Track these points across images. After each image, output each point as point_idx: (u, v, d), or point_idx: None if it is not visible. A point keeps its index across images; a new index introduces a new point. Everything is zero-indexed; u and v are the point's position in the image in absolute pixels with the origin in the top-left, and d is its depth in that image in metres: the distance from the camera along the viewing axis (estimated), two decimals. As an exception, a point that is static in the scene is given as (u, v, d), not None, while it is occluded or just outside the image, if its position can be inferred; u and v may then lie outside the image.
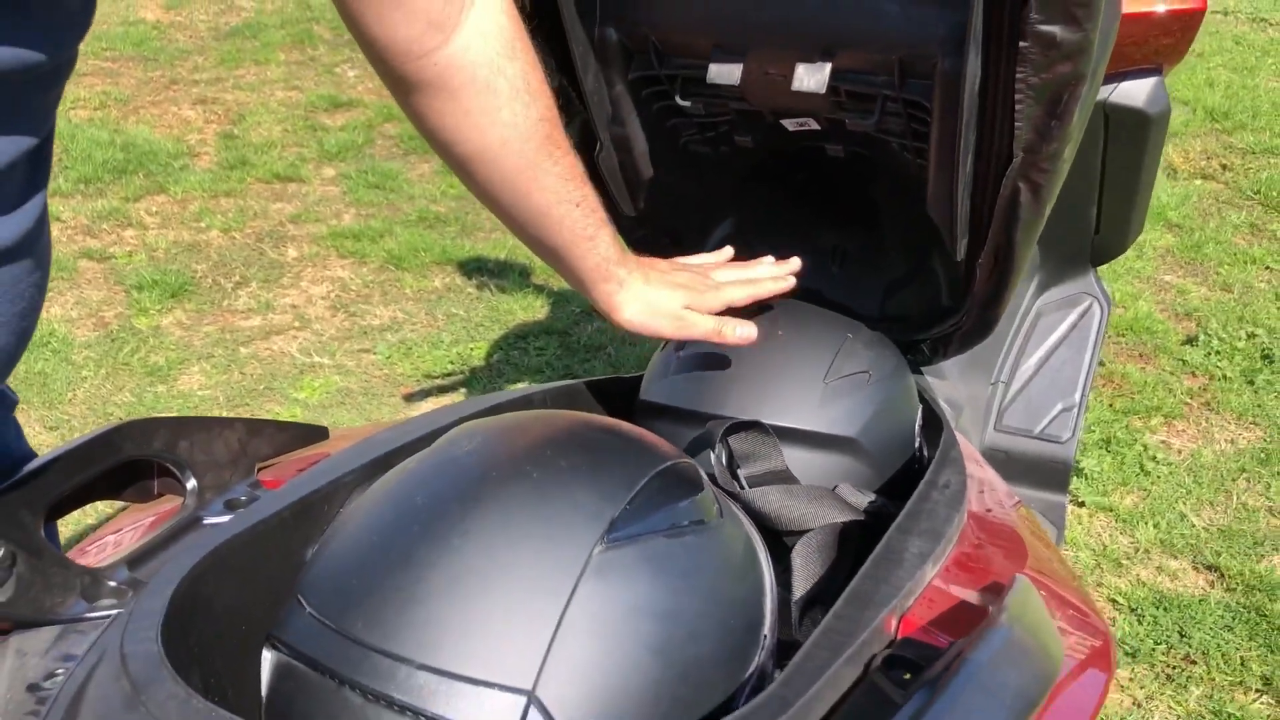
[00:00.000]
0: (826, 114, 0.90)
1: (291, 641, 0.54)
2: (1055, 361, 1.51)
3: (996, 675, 0.47)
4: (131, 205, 3.15)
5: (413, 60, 0.78)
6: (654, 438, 0.65)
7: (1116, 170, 1.35)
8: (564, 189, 0.84)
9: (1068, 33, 0.74)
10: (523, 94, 0.80)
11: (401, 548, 0.54)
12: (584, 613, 0.52)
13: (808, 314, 1.01)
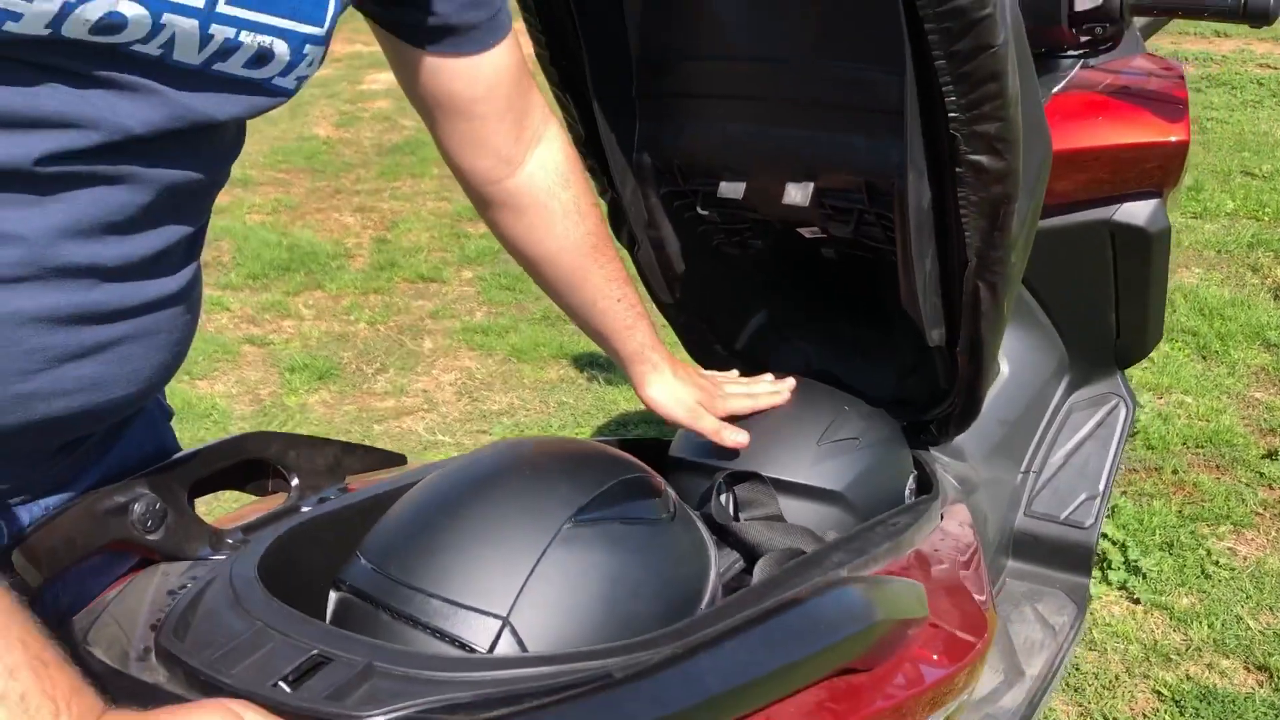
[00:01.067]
0: (818, 223, 1.11)
1: (349, 580, 0.75)
2: (1082, 454, 1.64)
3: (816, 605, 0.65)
4: (292, 299, 3.53)
5: (488, 185, 1.04)
6: (630, 459, 0.85)
7: (1128, 282, 1.50)
8: (608, 288, 1.09)
9: (994, 162, 0.94)
10: (574, 214, 1.05)
11: (427, 516, 0.75)
12: (550, 568, 0.72)
13: (813, 389, 1.20)
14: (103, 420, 0.77)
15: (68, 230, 0.68)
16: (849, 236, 1.09)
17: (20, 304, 0.68)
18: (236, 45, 0.71)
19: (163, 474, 0.79)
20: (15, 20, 0.60)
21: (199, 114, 0.72)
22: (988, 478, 1.52)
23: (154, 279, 0.76)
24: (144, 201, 0.72)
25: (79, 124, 0.66)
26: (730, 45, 1.04)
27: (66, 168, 0.67)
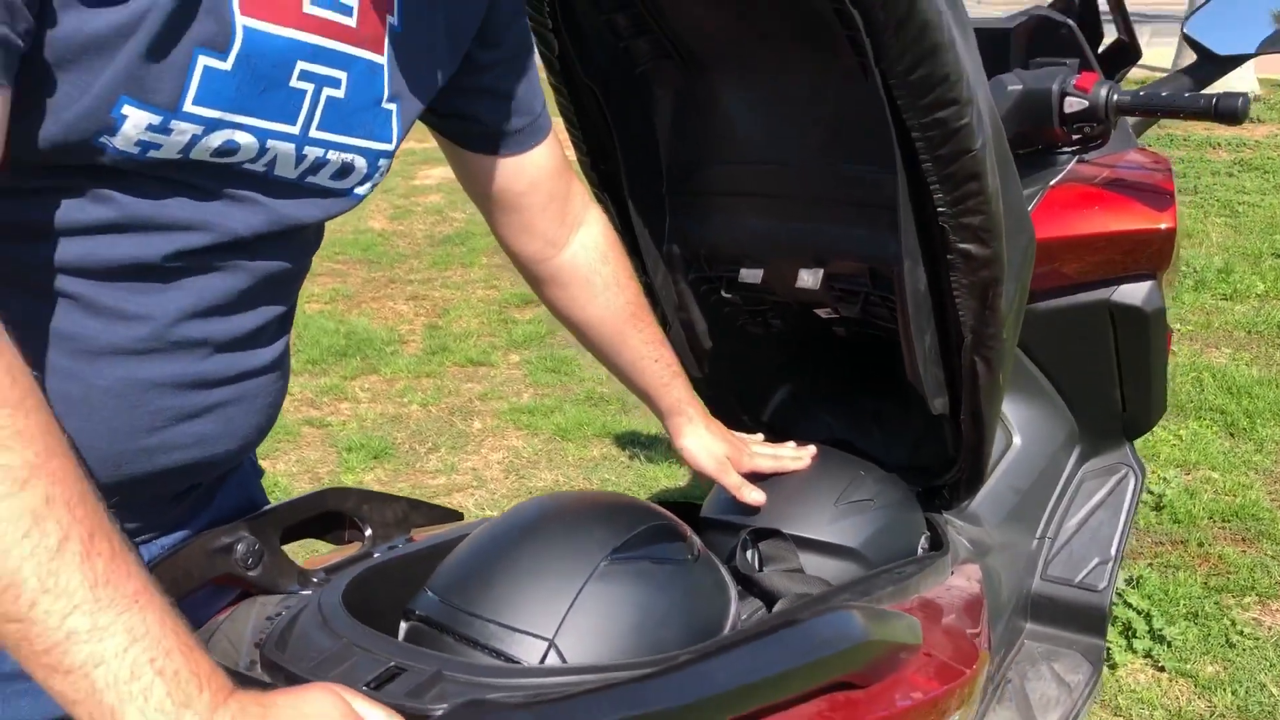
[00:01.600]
0: (829, 304, 1.24)
1: (418, 610, 0.88)
2: (1094, 521, 1.73)
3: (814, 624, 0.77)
4: (348, 383, 3.71)
5: (537, 264, 1.18)
6: (659, 509, 0.97)
7: (1129, 358, 1.61)
8: (646, 350, 1.23)
9: (980, 250, 1.06)
10: (613, 287, 1.20)
11: (485, 555, 0.88)
12: (589, 598, 0.84)
13: (832, 455, 1.32)
14: (209, 472, 0.91)
15: (186, 312, 0.83)
16: (857, 316, 1.22)
17: (148, 372, 0.82)
18: (325, 162, 0.86)
19: (259, 521, 0.92)
20: (156, 149, 0.76)
21: (291, 219, 0.87)
22: (1002, 541, 1.62)
23: (253, 351, 0.90)
24: (245, 287, 0.87)
25: (197, 228, 0.81)
26: (747, 150, 1.18)
27: (186, 262, 0.82)
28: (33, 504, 0.61)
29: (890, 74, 0.92)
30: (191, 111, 0.76)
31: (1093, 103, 1.42)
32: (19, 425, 0.62)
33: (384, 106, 0.89)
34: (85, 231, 0.77)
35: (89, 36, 0.69)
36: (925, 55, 0.90)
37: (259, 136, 0.80)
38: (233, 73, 0.76)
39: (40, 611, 0.60)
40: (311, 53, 0.81)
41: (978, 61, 1.00)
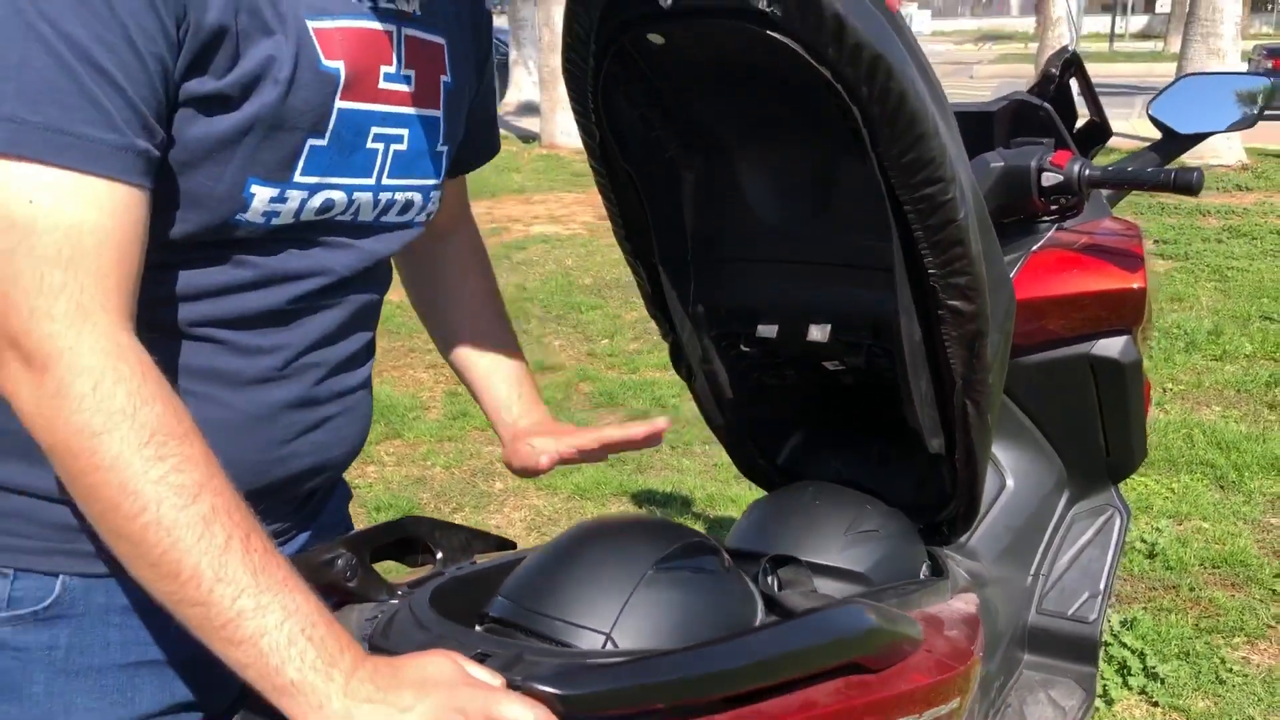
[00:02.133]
0: (837, 357, 1.40)
1: (493, 612, 1.03)
2: (1084, 558, 1.87)
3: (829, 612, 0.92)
4: (374, 447, 3.86)
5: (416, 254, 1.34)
6: (696, 530, 1.12)
7: (1109, 407, 1.76)
8: None
9: (966, 306, 1.22)
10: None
11: (550, 565, 1.03)
12: (639, 599, 0.99)
13: (842, 493, 1.47)
14: (325, 476, 1.09)
15: (304, 345, 1.01)
16: (861, 366, 1.38)
17: (277, 397, 0.99)
18: (393, 203, 1.05)
19: (354, 541, 1.08)
20: (276, 216, 0.94)
21: (375, 254, 1.06)
22: (998, 575, 1.76)
23: (352, 371, 1.08)
24: (346, 319, 1.05)
25: (309, 275, 0.99)
26: (762, 221, 1.35)
27: (303, 304, 1.00)
28: (203, 512, 0.78)
29: (884, 157, 1.09)
30: (300, 181, 0.94)
31: (1067, 177, 1.59)
32: (187, 452, 0.79)
33: (439, 149, 1.08)
34: (225, 290, 0.95)
35: (215, 139, 0.87)
36: (913, 142, 1.07)
37: (347, 191, 0.98)
38: (328, 146, 0.94)
39: (216, 595, 0.76)
40: (381, 118, 0.99)
41: (959, 143, 1.17)
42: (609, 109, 1.23)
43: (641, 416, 3.98)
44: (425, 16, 1.02)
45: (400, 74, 0.99)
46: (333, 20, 0.91)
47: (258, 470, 0.99)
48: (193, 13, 0.82)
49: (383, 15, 0.96)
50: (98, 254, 0.79)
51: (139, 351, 0.81)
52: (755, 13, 1.01)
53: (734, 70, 1.19)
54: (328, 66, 0.91)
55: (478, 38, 1.16)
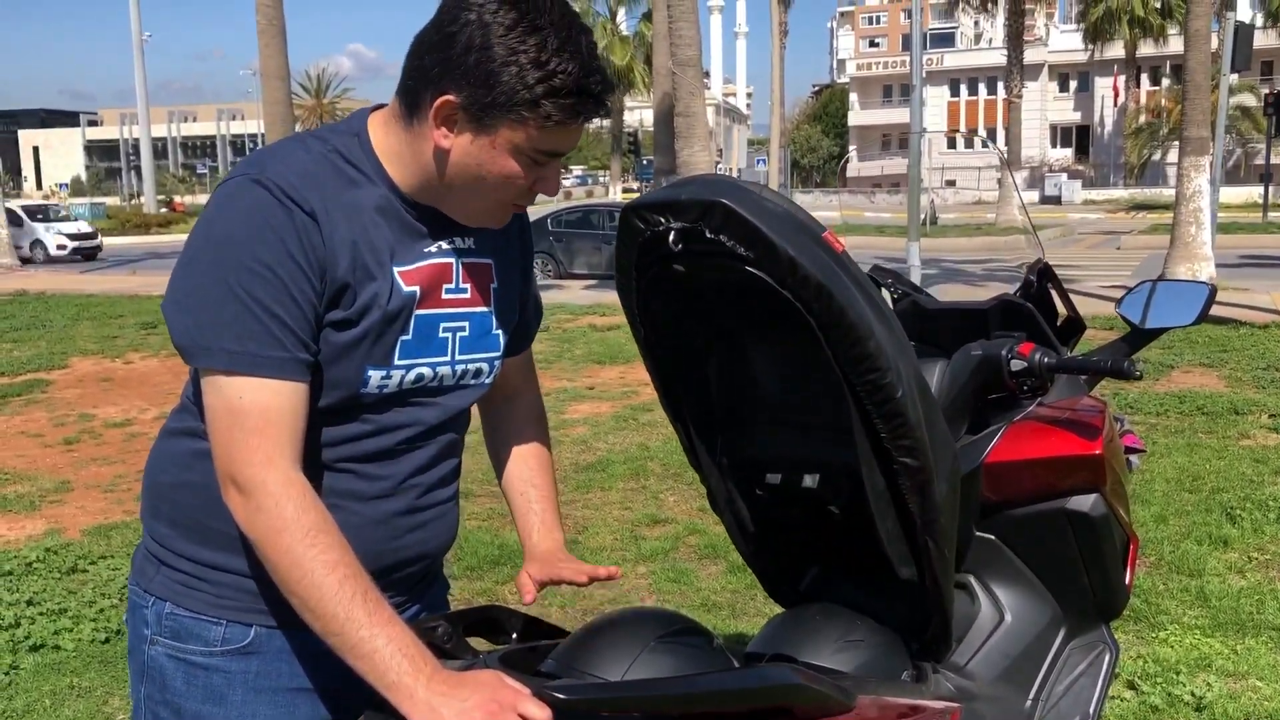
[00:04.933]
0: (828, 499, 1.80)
1: (542, 668, 1.45)
2: (1077, 687, 2.16)
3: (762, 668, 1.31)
4: (500, 587, 4.32)
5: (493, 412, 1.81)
6: (696, 622, 1.53)
7: (1089, 555, 2.08)
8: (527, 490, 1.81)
9: (913, 461, 1.62)
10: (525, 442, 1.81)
11: (584, 636, 1.46)
12: (642, 661, 1.40)
13: (841, 612, 1.85)
14: (425, 561, 1.54)
15: (409, 472, 1.47)
16: (847, 506, 1.78)
17: (390, 508, 1.46)
18: (467, 370, 1.50)
19: (452, 616, 1.53)
20: (386, 387, 1.41)
21: (456, 407, 1.51)
22: (993, 694, 2.07)
23: (444, 489, 1.54)
24: (436, 453, 1.51)
25: (411, 425, 1.45)
26: (764, 392, 1.79)
27: (407, 445, 1.46)
28: (339, 577, 1.26)
29: (836, 353, 1.52)
30: (398, 364, 1.41)
31: (1029, 364, 1.99)
32: (329, 541, 1.28)
33: (494, 333, 1.53)
34: (355, 439, 1.43)
35: (344, 344, 1.36)
36: (853, 343, 1.50)
37: (432, 367, 1.45)
38: (412, 339, 1.42)
39: (347, 629, 1.23)
40: (448, 317, 1.46)
41: (899, 340, 1.59)
42: (650, 312, 1.71)
43: (740, 569, 4.34)
44: (477, 247, 1.49)
45: (459, 287, 1.46)
46: (410, 265, 1.41)
47: (380, 556, 1.44)
48: (329, 273, 1.32)
49: (445, 253, 1.45)
50: (278, 424, 1.29)
51: (303, 482, 1.30)
52: (738, 256, 1.48)
53: (736, 287, 1.65)
54: (406, 291, 1.39)
55: (523, 246, 1.62)
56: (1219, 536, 4.48)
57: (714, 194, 1.47)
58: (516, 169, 1.35)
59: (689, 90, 13.06)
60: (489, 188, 1.38)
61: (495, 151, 1.33)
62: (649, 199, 1.55)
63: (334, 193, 1.34)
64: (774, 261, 1.46)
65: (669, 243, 1.52)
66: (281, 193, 1.29)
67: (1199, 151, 13.75)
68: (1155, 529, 4.60)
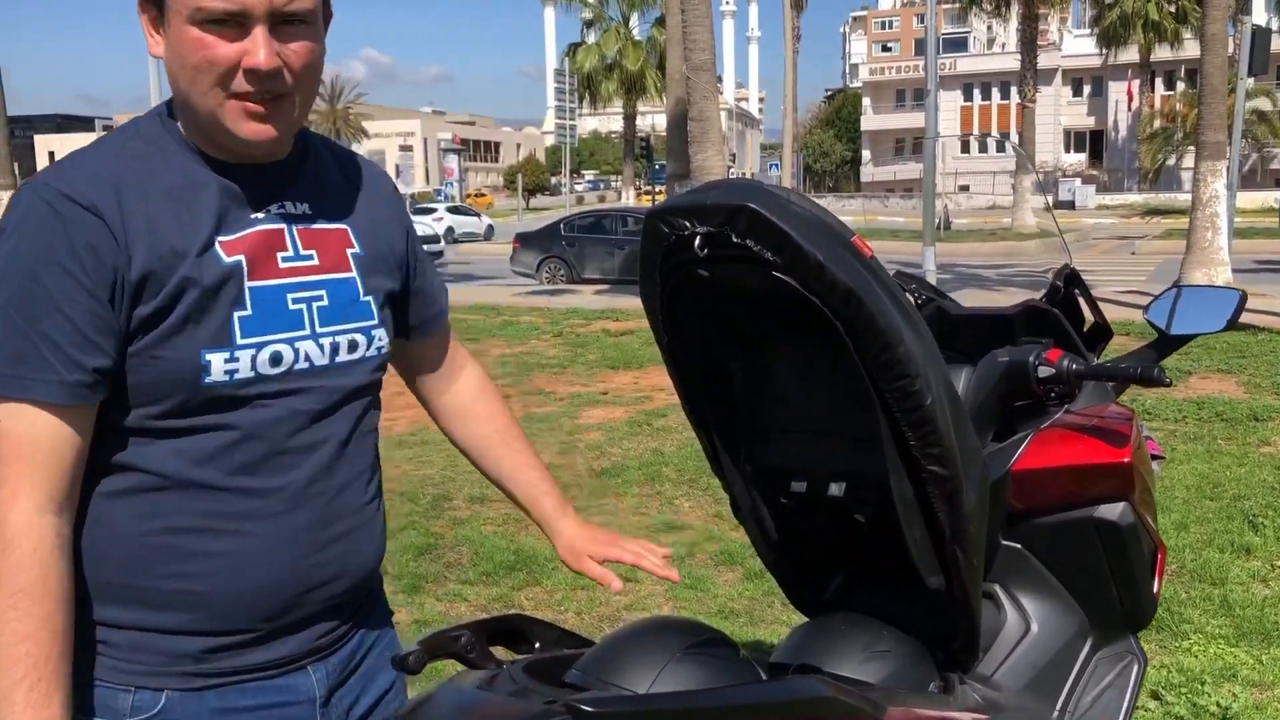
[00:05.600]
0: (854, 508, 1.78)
1: (566, 679, 1.43)
2: (1105, 699, 2.13)
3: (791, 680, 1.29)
4: (516, 593, 4.31)
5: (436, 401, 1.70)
6: (721, 632, 1.51)
7: (1116, 565, 2.06)
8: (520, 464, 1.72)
9: (942, 470, 1.60)
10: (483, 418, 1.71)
11: (610, 645, 1.44)
12: (666, 672, 1.38)
13: (867, 621, 1.82)
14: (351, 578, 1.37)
15: (311, 476, 1.32)
16: (873, 515, 1.76)
17: (298, 521, 1.30)
18: (338, 345, 1.34)
19: (475, 625, 1.51)
20: (236, 373, 1.24)
21: (339, 391, 1.35)
22: (1019, 705, 2.05)
23: (355, 494, 1.38)
24: (335, 452, 1.34)
25: (285, 420, 1.29)
26: (788, 400, 1.77)
27: (292, 447, 1.30)
28: (23, 651, 1.13)
29: (864, 359, 1.50)
30: (242, 343, 1.25)
31: (1057, 370, 1.96)
32: (33, 609, 1.14)
33: (362, 301, 1.38)
34: (226, 448, 1.26)
35: (164, 333, 1.21)
36: (882, 349, 1.48)
37: (289, 344, 1.29)
38: (253, 315, 1.27)
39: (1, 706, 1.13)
40: (293, 287, 1.31)
41: (929, 346, 1.57)
42: (673, 318, 1.69)
43: (758, 575, 4.32)
44: (317, 211, 1.36)
45: (299, 254, 1.32)
46: (235, 234, 1.27)
47: (296, 579, 1.31)
48: (121, 273, 1.20)
49: (273, 219, 1.31)
50: (33, 456, 1.17)
51: (47, 529, 1.17)
52: (765, 261, 1.46)
53: (762, 294, 1.63)
54: (227, 262, 1.25)
55: (392, 210, 1.49)
56: (1241, 544, 4.44)
57: (741, 198, 1.45)
58: (204, 41, 1.19)
59: (703, 94, 13.05)
60: (203, 84, 1.22)
61: (179, 29, 1.20)
62: (674, 203, 1.53)
63: (136, 182, 1.24)
64: (802, 267, 1.44)
65: (694, 248, 1.50)
66: (62, 200, 1.20)
67: (1216, 156, 13.67)
68: (1176, 536, 4.56)
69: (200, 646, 1.29)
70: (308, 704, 1.37)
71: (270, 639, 1.32)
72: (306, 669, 1.37)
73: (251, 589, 1.29)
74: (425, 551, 4.75)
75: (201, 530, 1.27)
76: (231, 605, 1.29)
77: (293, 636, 1.35)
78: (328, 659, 1.40)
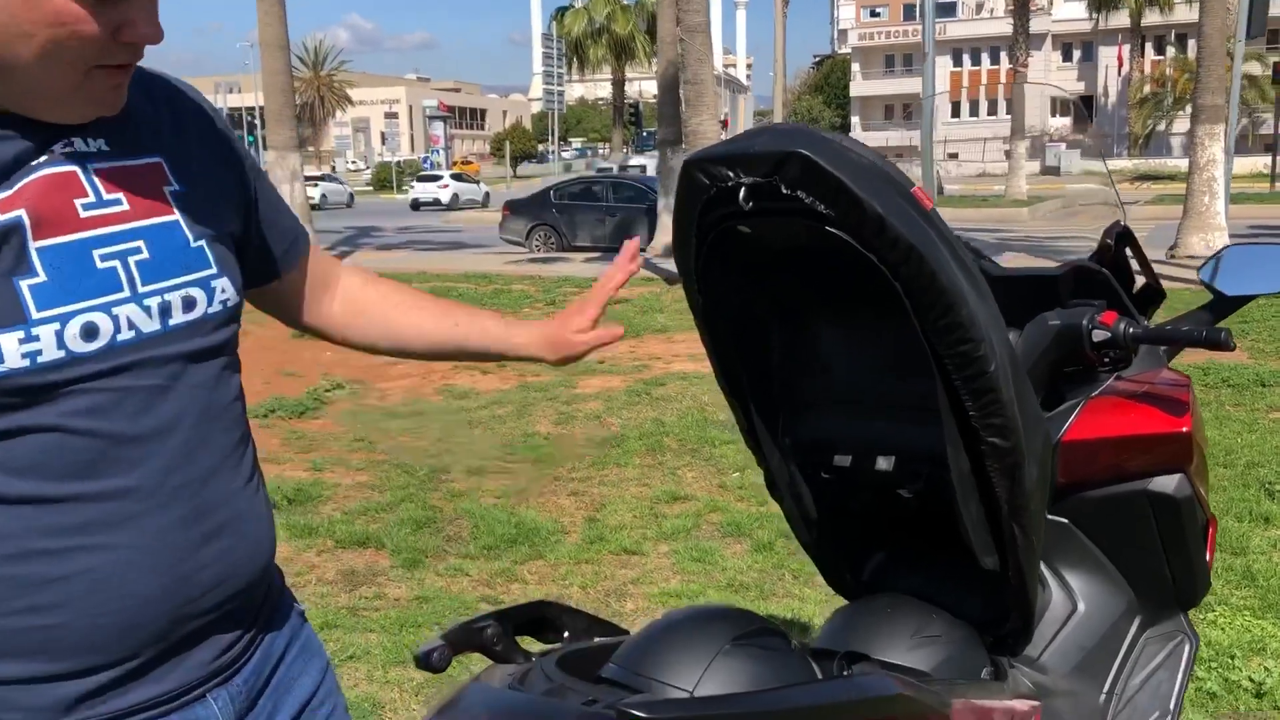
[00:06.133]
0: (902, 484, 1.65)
1: (604, 674, 1.31)
2: (1154, 681, 2.03)
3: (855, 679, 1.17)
4: (518, 566, 4.19)
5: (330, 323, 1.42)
6: (770, 620, 1.39)
7: (1169, 540, 1.94)
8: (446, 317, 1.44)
9: (1003, 442, 1.47)
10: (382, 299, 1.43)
11: (651, 636, 1.31)
12: (717, 665, 1.26)
13: (913, 604, 1.70)
14: (241, 579, 1.13)
15: (167, 465, 1.06)
16: (923, 491, 1.63)
17: (161, 521, 1.05)
18: (168, 304, 1.07)
19: (500, 615, 1.38)
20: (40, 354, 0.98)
21: (184, 351, 1.08)
22: (1068, 689, 1.94)
23: (225, 481, 1.13)
24: (189, 431, 1.09)
25: (117, 406, 1.03)
26: (834, 370, 1.64)
27: (144, 429, 1.04)
28: None
29: (924, 322, 1.37)
30: (40, 316, 0.98)
31: (1113, 334, 1.83)
32: None
33: (194, 246, 1.11)
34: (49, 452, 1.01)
35: None
36: (945, 311, 1.35)
37: (104, 310, 1.02)
38: (49, 280, 1.00)
39: None
40: (99, 241, 1.04)
41: (991, 308, 1.44)
42: (709, 279, 1.55)
43: (766, 547, 4.21)
44: (115, 147, 1.09)
45: (103, 200, 1.06)
46: (10, 188, 1.00)
47: (171, 591, 1.07)
48: None
49: (59, 161, 1.04)
50: None
51: None
52: (817, 214, 1.32)
53: (807, 253, 1.50)
54: (4, 220, 0.99)
55: (217, 134, 1.23)
56: (1260, 513, 4.35)
57: (791, 144, 1.31)
58: (72, 11, 0.96)
59: (697, 57, 12.83)
60: (52, 51, 0.98)
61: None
62: (716, 151, 1.39)
63: None
64: (859, 220, 1.31)
65: (738, 200, 1.36)
66: None
67: (1214, 119, 13.54)
68: (1192, 505, 4.47)
69: (71, 693, 1.05)
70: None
71: (154, 668, 1.09)
72: (206, 699, 1.14)
73: (118, 610, 1.05)
74: (424, 525, 4.63)
75: (44, 553, 1.02)
76: (99, 635, 1.05)
77: (182, 661, 1.11)
78: (230, 681, 1.17)
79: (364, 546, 4.41)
